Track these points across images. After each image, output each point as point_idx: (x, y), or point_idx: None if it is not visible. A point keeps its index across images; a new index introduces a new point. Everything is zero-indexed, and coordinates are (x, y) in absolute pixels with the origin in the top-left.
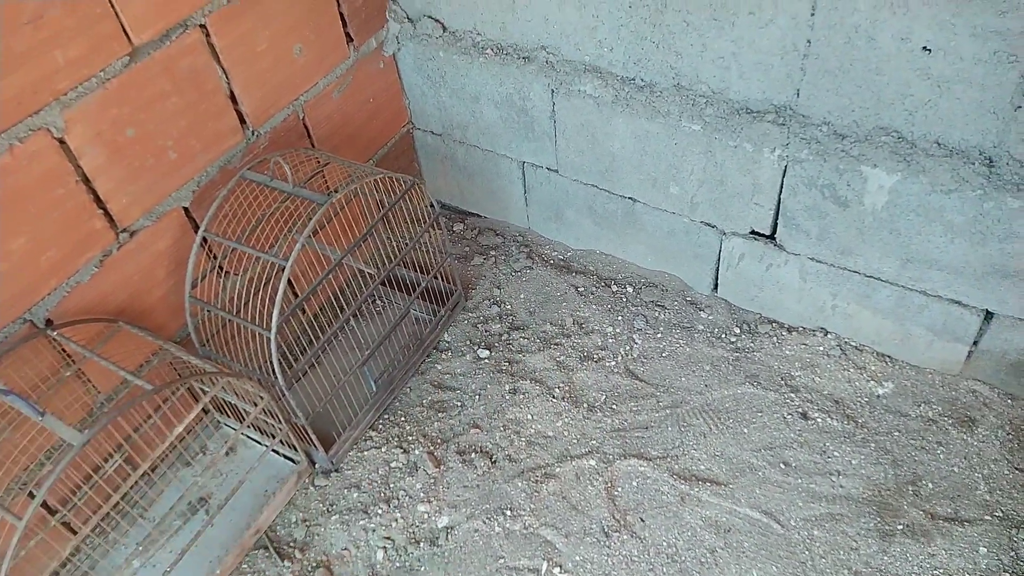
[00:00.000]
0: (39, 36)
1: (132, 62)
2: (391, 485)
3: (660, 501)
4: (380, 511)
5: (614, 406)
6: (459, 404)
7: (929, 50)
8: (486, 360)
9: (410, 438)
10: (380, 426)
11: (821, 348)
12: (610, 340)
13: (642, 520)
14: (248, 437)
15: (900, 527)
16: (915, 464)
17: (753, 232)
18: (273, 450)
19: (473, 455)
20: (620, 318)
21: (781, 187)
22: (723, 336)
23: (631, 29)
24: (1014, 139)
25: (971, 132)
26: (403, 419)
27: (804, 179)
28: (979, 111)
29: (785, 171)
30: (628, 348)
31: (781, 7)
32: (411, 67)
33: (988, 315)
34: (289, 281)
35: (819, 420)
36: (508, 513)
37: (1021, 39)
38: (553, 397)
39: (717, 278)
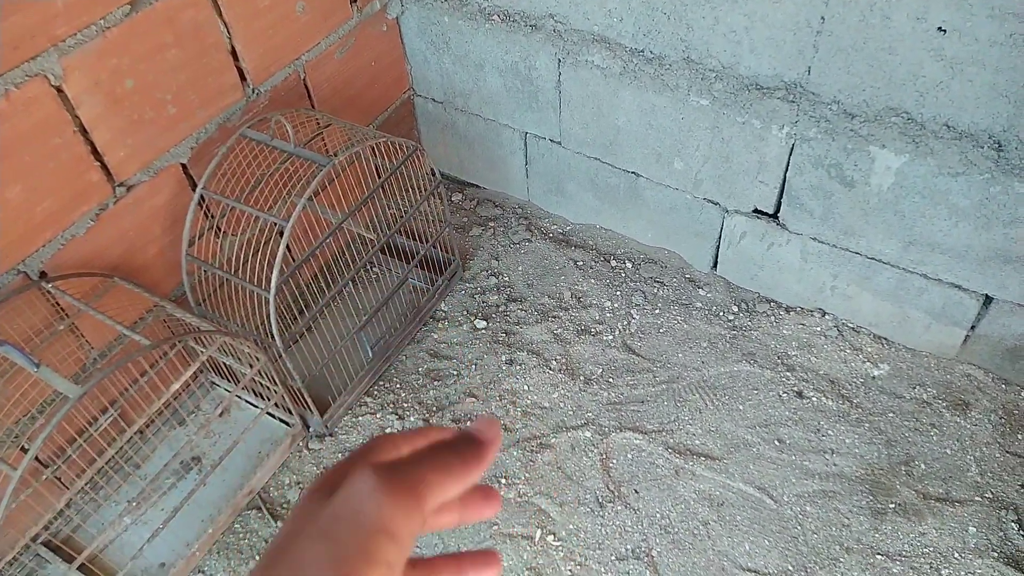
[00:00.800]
0: None
1: (133, 11)
2: None
3: (654, 473)
4: None
5: (610, 379)
6: (455, 373)
7: (944, 31)
8: (483, 330)
9: (405, 405)
10: (375, 392)
11: (819, 328)
12: (608, 315)
13: (636, 492)
14: (242, 399)
15: (892, 506)
16: (908, 445)
17: (756, 210)
18: (268, 412)
19: (468, 424)
20: (618, 293)
21: (787, 165)
22: (721, 314)
23: None
24: None
25: (982, 115)
26: (398, 386)
27: (811, 158)
28: (991, 94)
29: (792, 149)
30: (626, 323)
31: None
32: (414, 31)
33: (987, 300)
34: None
35: (814, 399)
36: (503, 481)
37: None
38: (550, 369)
39: (717, 256)
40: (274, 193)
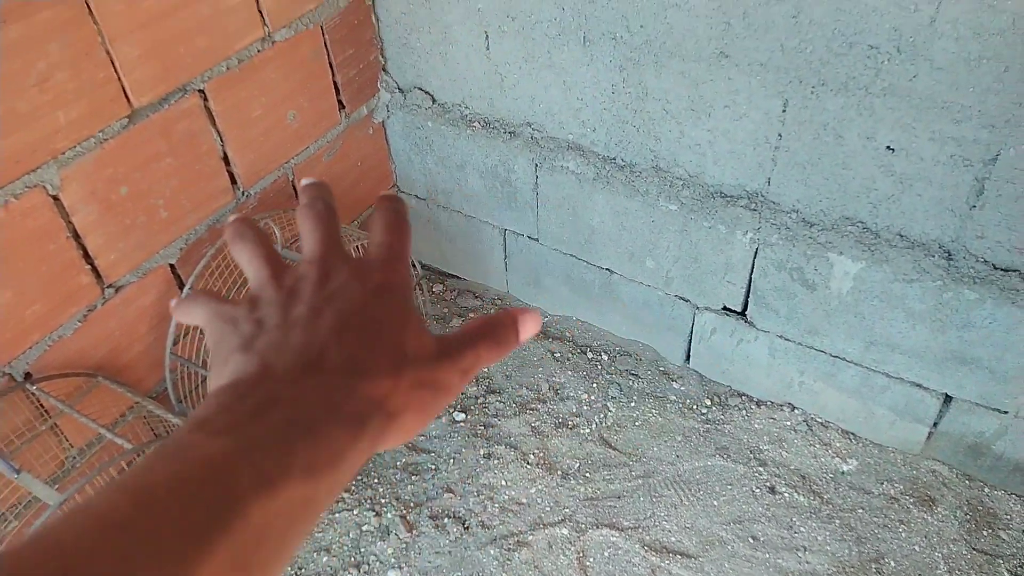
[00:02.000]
0: (44, 98)
1: (130, 124)
2: (362, 549)
3: (631, 572)
4: None
5: (587, 474)
6: (433, 467)
7: (892, 149)
8: (461, 423)
9: (383, 500)
10: (353, 488)
11: (789, 423)
12: (585, 407)
13: None
14: None
15: None
16: (878, 542)
17: (725, 308)
18: None
19: (446, 520)
20: (595, 385)
21: (752, 267)
22: (694, 407)
23: (613, 113)
24: (970, 235)
25: (931, 227)
26: (376, 481)
27: (774, 261)
28: (938, 208)
29: (756, 253)
30: (602, 416)
31: (755, 103)
32: (399, 134)
33: (947, 399)
34: None
35: (786, 495)
36: None
37: (974, 145)
38: (527, 463)
39: (689, 350)
40: None
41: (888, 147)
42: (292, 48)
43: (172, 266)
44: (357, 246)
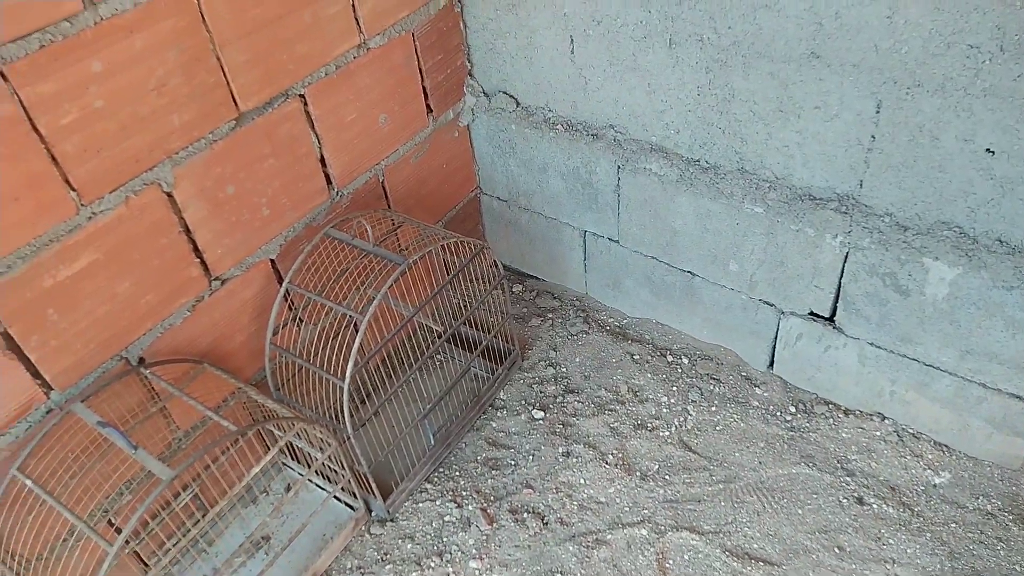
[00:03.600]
0: (161, 101)
1: (237, 126)
2: (444, 539)
3: None
4: (432, 564)
5: (667, 476)
6: (513, 463)
7: (992, 152)
8: (540, 421)
9: (464, 493)
10: (435, 479)
11: (878, 433)
12: (664, 410)
13: None
14: (311, 481)
15: None
16: (973, 558)
17: (812, 313)
18: (334, 496)
19: (525, 515)
20: (675, 388)
21: (842, 272)
22: (778, 414)
23: (698, 115)
24: None
25: None
26: (458, 474)
27: (865, 266)
28: None
29: (846, 257)
30: (682, 419)
31: (847, 104)
32: (483, 137)
33: None
34: None
35: (875, 506)
36: None
37: None
38: (606, 463)
39: (774, 355)
40: (349, 284)
41: (988, 149)
42: (385, 54)
43: (272, 261)
44: (442, 245)
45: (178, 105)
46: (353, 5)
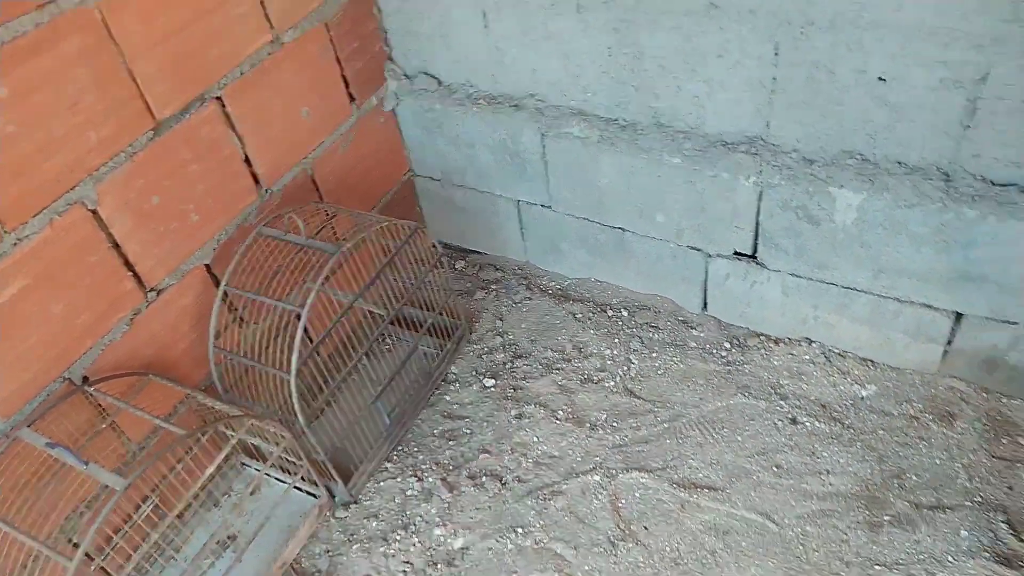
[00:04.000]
0: (76, 120)
1: (156, 136)
2: (407, 512)
3: (662, 509)
4: (398, 537)
5: (615, 424)
6: (468, 431)
7: (884, 80)
8: (492, 388)
9: (424, 467)
10: (395, 457)
11: (807, 357)
12: (608, 362)
13: (646, 528)
14: (270, 476)
15: (887, 518)
16: (899, 459)
17: (736, 253)
18: (295, 486)
19: (484, 478)
20: (617, 341)
21: (758, 210)
22: (714, 351)
23: (612, 75)
24: (966, 156)
25: (928, 151)
26: (416, 449)
27: (779, 202)
28: (933, 132)
29: (761, 196)
30: (626, 368)
31: (747, 49)
32: (410, 120)
33: (958, 316)
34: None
35: (807, 424)
36: (520, 531)
37: (963, 67)
38: (557, 419)
39: (706, 297)
40: (290, 281)
41: (880, 78)
42: (300, 47)
43: (207, 266)
44: (380, 230)
45: (94, 122)
46: (262, 2)
